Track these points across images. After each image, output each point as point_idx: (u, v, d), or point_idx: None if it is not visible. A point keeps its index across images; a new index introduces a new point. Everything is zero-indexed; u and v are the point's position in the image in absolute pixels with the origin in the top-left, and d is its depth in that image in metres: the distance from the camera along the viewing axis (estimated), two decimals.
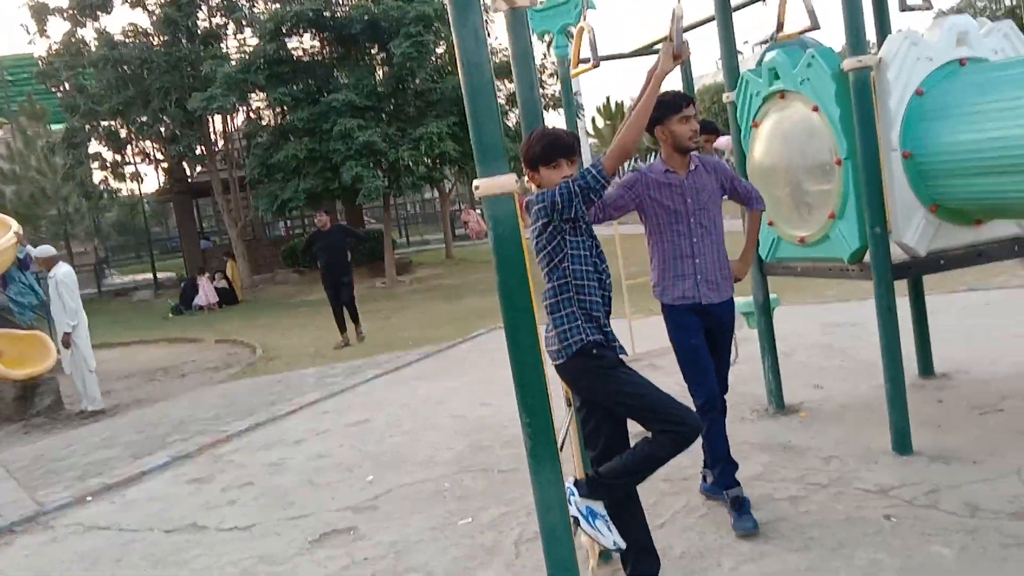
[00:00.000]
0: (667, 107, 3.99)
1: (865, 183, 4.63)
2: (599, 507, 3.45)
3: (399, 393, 8.06)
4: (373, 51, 20.82)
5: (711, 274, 4.08)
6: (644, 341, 7.77)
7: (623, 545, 3.43)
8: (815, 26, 4.13)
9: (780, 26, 4.31)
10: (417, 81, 19.02)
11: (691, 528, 4.22)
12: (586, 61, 5.14)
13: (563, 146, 3.43)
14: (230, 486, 5.88)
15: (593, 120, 49.76)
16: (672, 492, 4.67)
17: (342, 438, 6.71)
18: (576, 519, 3.44)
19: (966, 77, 4.66)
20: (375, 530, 4.75)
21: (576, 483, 3.56)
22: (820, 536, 3.94)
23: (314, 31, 20.18)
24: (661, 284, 4.15)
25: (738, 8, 5.77)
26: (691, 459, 4.96)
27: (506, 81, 22.32)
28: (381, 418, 7.16)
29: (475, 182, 2.77)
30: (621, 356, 3.51)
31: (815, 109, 4.87)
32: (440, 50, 20.00)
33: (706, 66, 51.26)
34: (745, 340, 6.81)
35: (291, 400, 8.33)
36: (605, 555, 3.98)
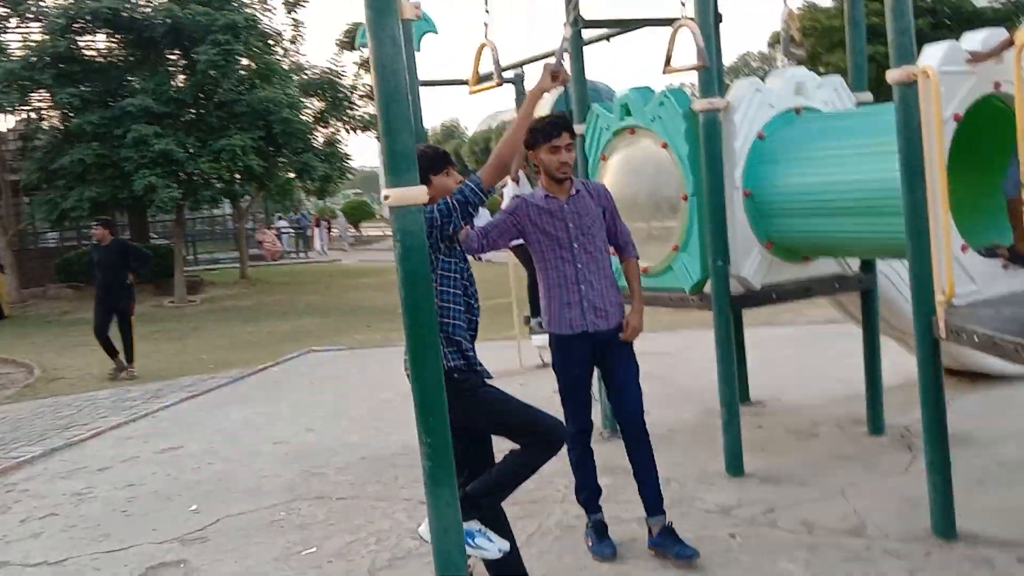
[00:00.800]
0: (537, 134, 3.90)
1: (710, 219, 4.86)
2: (473, 525, 3.37)
3: (211, 418, 7.59)
4: (173, 56, 19.78)
5: (598, 301, 4.01)
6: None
7: (507, 547, 3.37)
8: (704, 64, 4.31)
9: (668, 60, 4.46)
10: (221, 91, 18.21)
11: (548, 551, 4.22)
12: (487, 79, 5.03)
13: (446, 154, 3.56)
14: (30, 517, 5.30)
15: None
16: (524, 515, 4.65)
17: (154, 465, 6.22)
18: None
19: (800, 125, 5.02)
20: (209, 563, 4.42)
21: None
22: None
23: (110, 31, 18.90)
24: (548, 313, 4.09)
25: (589, 43, 5.95)
26: (538, 483, 5.00)
27: (314, 99, 21.95)
28: (195, 445, 6.70)
29: (384, 191, 2.66)
30: (486, 379, 3.48)
31: (664, 146, 5.08)
32: (246, 61, 19.29)
33: (509, 101, 52.51)
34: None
35: (87, 425, 7.65)
36: None
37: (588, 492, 4.19)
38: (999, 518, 4.15)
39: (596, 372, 4.24)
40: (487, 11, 4.74)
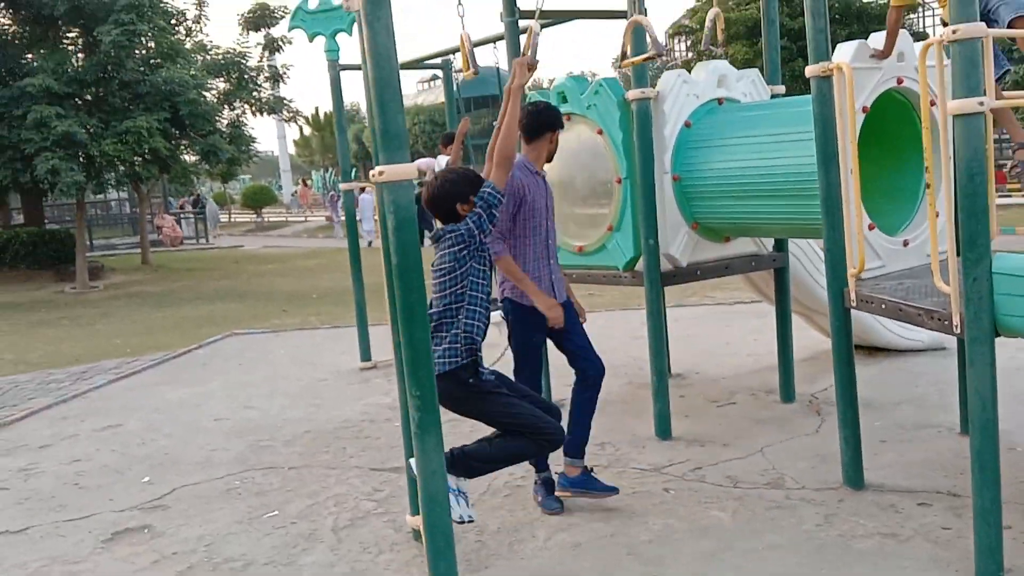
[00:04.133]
0: (544, 125, 4.42)
1: (642, 201, 5.24)
2: (453, 482, 3.66)
3: (145, 398, 7.63)
4: (72, 34, 19.22)
5: (556, 275, 4.48)
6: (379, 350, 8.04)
7: (472, 518, 3.68)
8: (660, 53, 4.67)
9: (624, 54, 4.83)
10: (124, 71, 17.80)
11: (499, 507, 4.54)
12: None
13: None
14: None
15: (300, 128, 49.22)
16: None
17: (96, 443, 6.28)
18: None
19: (722, 115, 5.46)
20: (174, 527, 4.59)
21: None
22: (615, 507, 4.43)
23: (6, 7, 18.25)
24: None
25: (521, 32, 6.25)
26: None
27: (219, 81, 21.62)
28: (134, 423, 6.77)
29: (377, 168, 2.92)
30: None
31: (599, 132, 5.44)
32: (151, 43, 18.89)
33: (407, 87, 52.53)
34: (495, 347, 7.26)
35: (16, 406, 7.59)
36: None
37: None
38: (901, 471, 4.67)
39: None
40: None
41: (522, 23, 6.12)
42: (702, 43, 5.47)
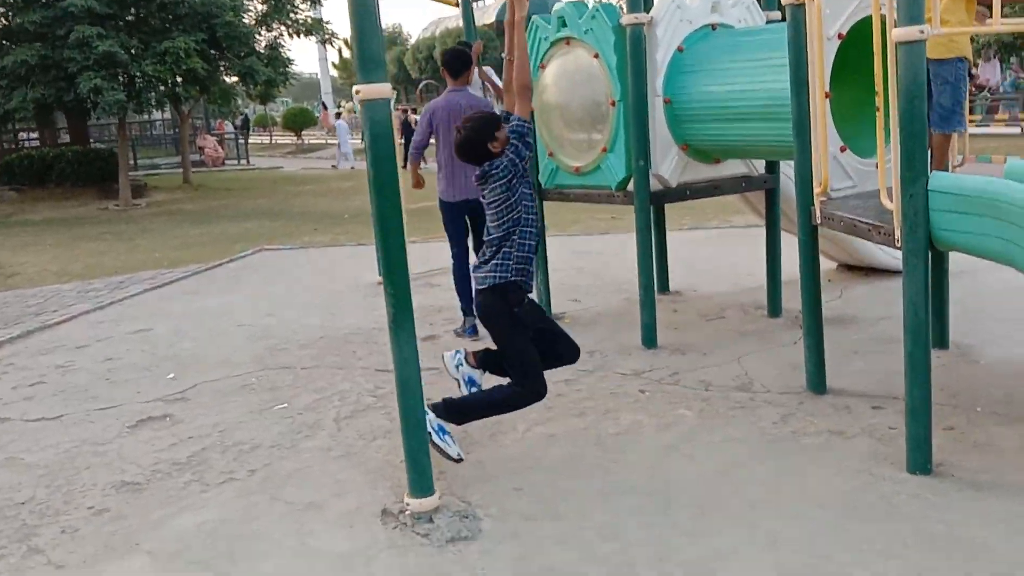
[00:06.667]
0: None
1: (634, 123, 5.50)
2: (447, 425, 4.03)
3: (175, 306, 8.14)
4: None
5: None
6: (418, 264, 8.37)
7: (462, 457, 4.04)
8: None
9: None
10: None
11: None
12: None
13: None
14: (20, 384, 5.87)
15: (340, 51, 49.29)
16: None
17: (128, 344, 6.79)
18: (429, 432, 3.86)
19: (715, 40, 5.65)
20: (192, 416, 5.07)
21: (434, 405, 4.01)
22: (593, 406, 4.82)
23: None
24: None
25: None
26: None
27: (256, 2, 21.80)
28: (164, 327, 7.27)
29: (355, 87, 3.24)
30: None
31: (596, 56, 5.68)
32: None
33: (450, 9, 51.98)
34: None
35: (57, 312, 8.15)
36: None
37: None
38: (865, 378, 4.98)
39: None
40: None
41: None
42: None
